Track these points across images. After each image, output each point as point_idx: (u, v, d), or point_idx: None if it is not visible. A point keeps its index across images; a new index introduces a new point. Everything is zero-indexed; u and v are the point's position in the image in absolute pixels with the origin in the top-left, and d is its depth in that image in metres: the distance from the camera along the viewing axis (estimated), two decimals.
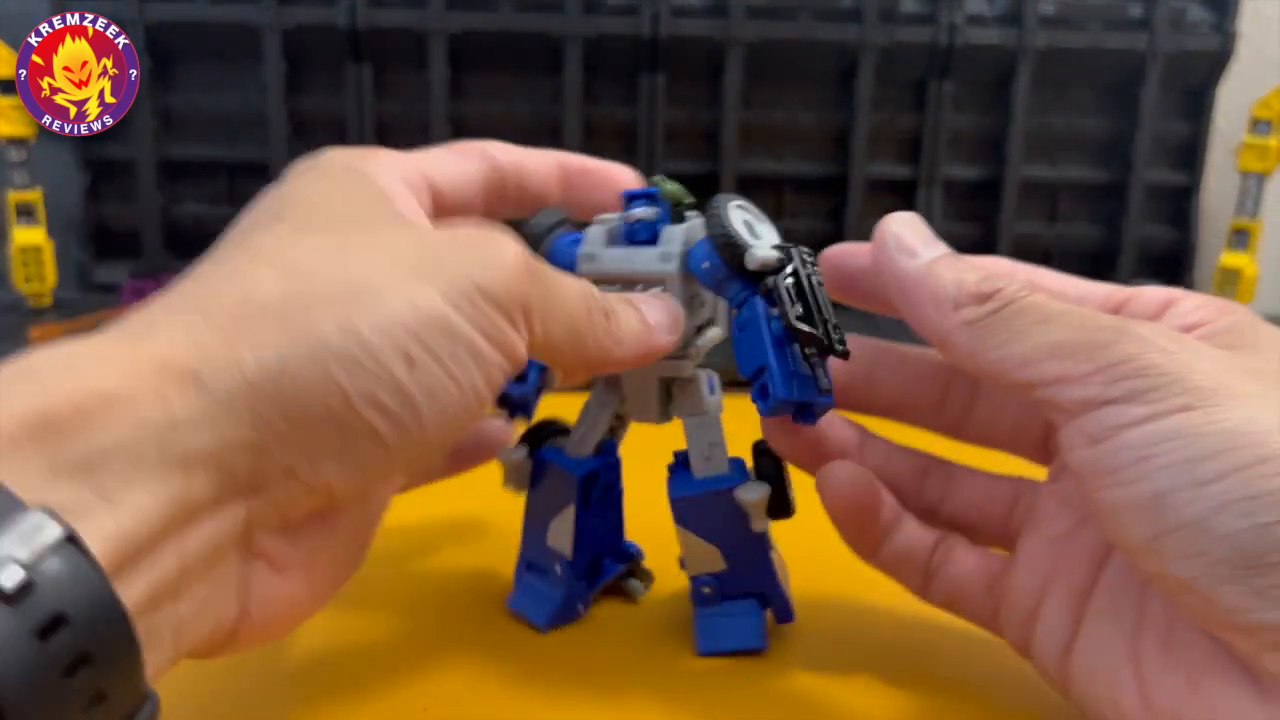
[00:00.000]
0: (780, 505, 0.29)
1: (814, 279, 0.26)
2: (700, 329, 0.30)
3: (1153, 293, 0.26)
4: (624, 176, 0.32)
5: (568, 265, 0.29)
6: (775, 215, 0.75)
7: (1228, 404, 0.21)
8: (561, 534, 0.31)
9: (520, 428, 0.33)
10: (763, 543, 0.30)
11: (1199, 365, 0.22)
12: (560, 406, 0.33)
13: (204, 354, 0.19)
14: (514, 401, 0.32)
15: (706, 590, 0.30)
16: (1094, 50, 0.81)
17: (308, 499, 0.21)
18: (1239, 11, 0.81)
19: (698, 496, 0.30)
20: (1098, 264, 0.87)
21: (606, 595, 0.33)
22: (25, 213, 0.73)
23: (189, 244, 0.85)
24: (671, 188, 0.29)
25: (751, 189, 0.83)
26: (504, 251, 0.23)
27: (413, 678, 0.29)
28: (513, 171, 0.31)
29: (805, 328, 0.26)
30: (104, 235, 0.84)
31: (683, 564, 0.31)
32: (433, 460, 0.23)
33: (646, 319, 0.27)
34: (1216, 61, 0.81)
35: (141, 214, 0.82)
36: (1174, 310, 0.26)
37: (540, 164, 0.32)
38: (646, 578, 0.34)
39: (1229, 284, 0.80)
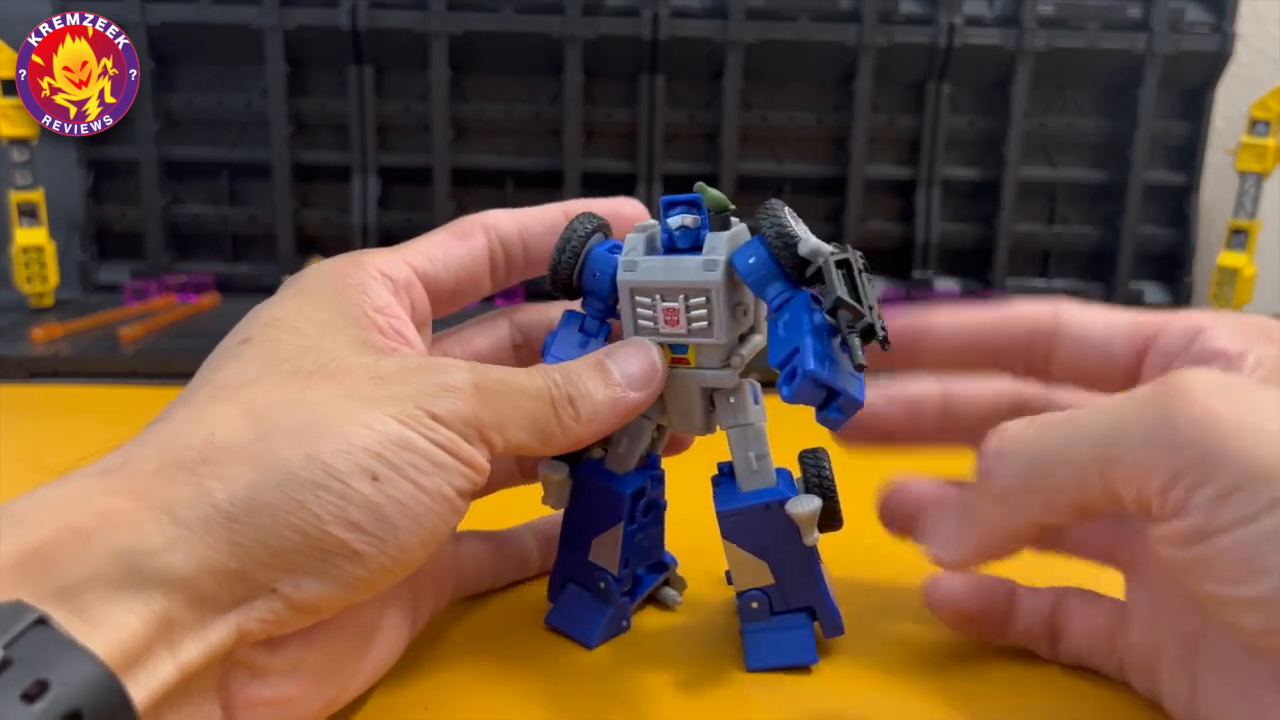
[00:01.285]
0: (830, 518, 0.29)
1: (864, 272, 0.26)
2: (743, 337, 0.29)
3: (1181, 322, 0.26)
4: (630, 210, 0.32)
5: (607, 273, 0.29)
6: None
7: None
8: (607, 551, 0.31)
9: None
10: (813, 556, 0.29)
11: (1271, 433, 0.21)
12: None
13: (175, 490, 0.21)
14: None
15: (754, 605, 0.29)
16: (1092, 51, 0.81)
17: (293, 616, 0.22)
18: (1237, 12, 0.81)
19: (746, 510, 0.29)
20: (1096, 264, 0.87)
21: (643, 605, 0.33)
22: (27, 213, 0.73)
23: (190, 244, 0.85)
24: (714, 194, 0.28)
25: (751, 190, 0.83)
26: (451, 377, 0.24)
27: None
28: (516, 240, 0.31)
29: (851, 302, 0.25)
30: (106, 235, 0.84)
31: (729, 578, 0.30)
32: (413, 569, 0.24)
33: (614, 379, 0.27)
34: (1215, 62, 0.82)
35: (143, 214, 0.82)
36: (1205, 339, 0.25)
37: (544, 222, 0.32)
38: (681, 585, 0.33)
39: (1227, 284, 0.80)
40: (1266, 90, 0.76)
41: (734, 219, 0.29)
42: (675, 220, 0.28)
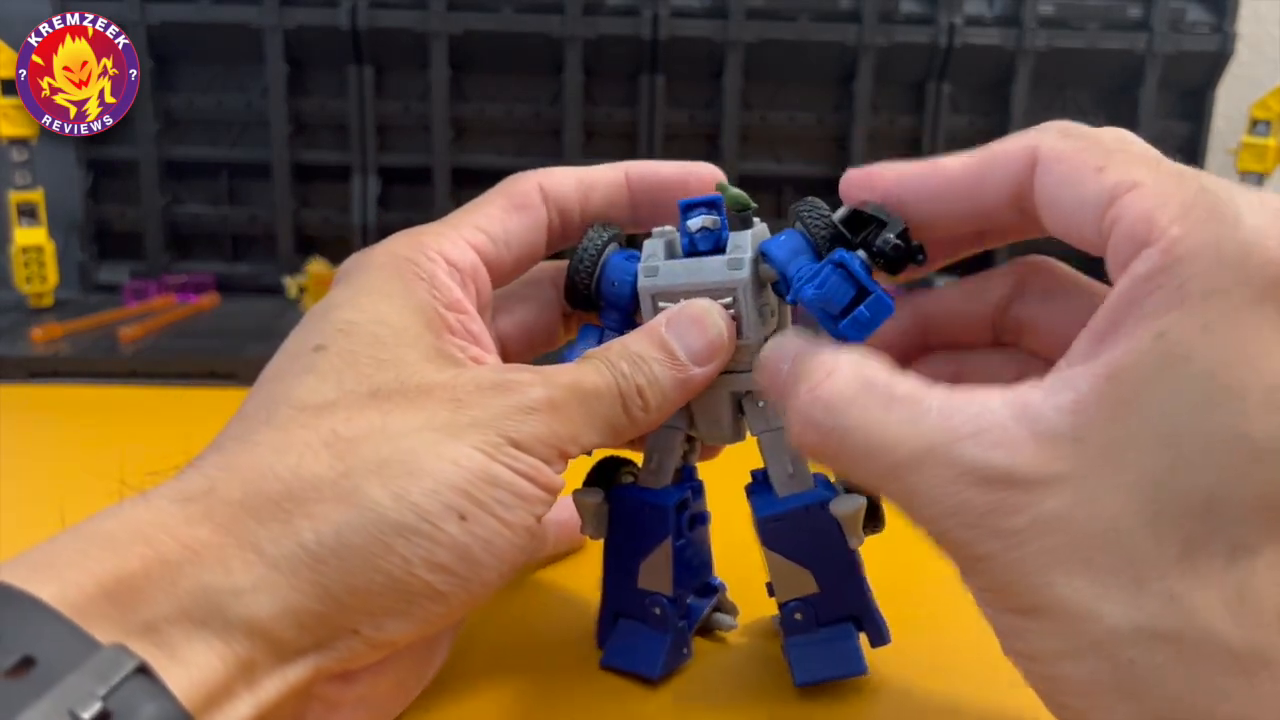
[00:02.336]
0: (874, 516, 0.28)
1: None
2: (768, 339, 0.28)
3: (1128, 228, 0.21)
4: (705, 172, 0.30)
5: (626, 282, 0.28)
6: (775, 216, 0.75)
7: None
8: (658, 572, 0.29)
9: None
10: (856, 561, 0.28)
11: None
12: None
13: (262, 526, 0.20)
14: None
15: (798, 616, 0.28)
16: (1093, 51, 0.81)
17: (371, 653, 0.22)
18: (1238, 12, 0.81)
19: (786, 515, 0.28)
20: (1097, 264, 0.87)
21: (696, 633, 0.31)
22: (27, 213, 0.73)
23: (190, 244, 0.85)
24: (735, 193, 0.28)
25: (751, 190, 0.82)
26: (528, 396, 0.24)
27: None
28: (575, 207, 0.30)
29: (890, 214, 0.25)
30: (106, 235, 0.84)
31: (770, 590, 0.29)
32: (483, 599, 0.24)
33: (679, 358, 0.26)
34: (1215, 62, 0.82)
35: (143, 214, 0.82)
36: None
37: (605, 187, 0.30)
38: (733, 610, 0.32)
39: None
40: (1267, 90, 0.76)
41: (755, 218, 0.28)
42: (695, 222, 0.27)
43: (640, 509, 0.29)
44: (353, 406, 0.23)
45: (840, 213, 0.27)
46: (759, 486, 0.29)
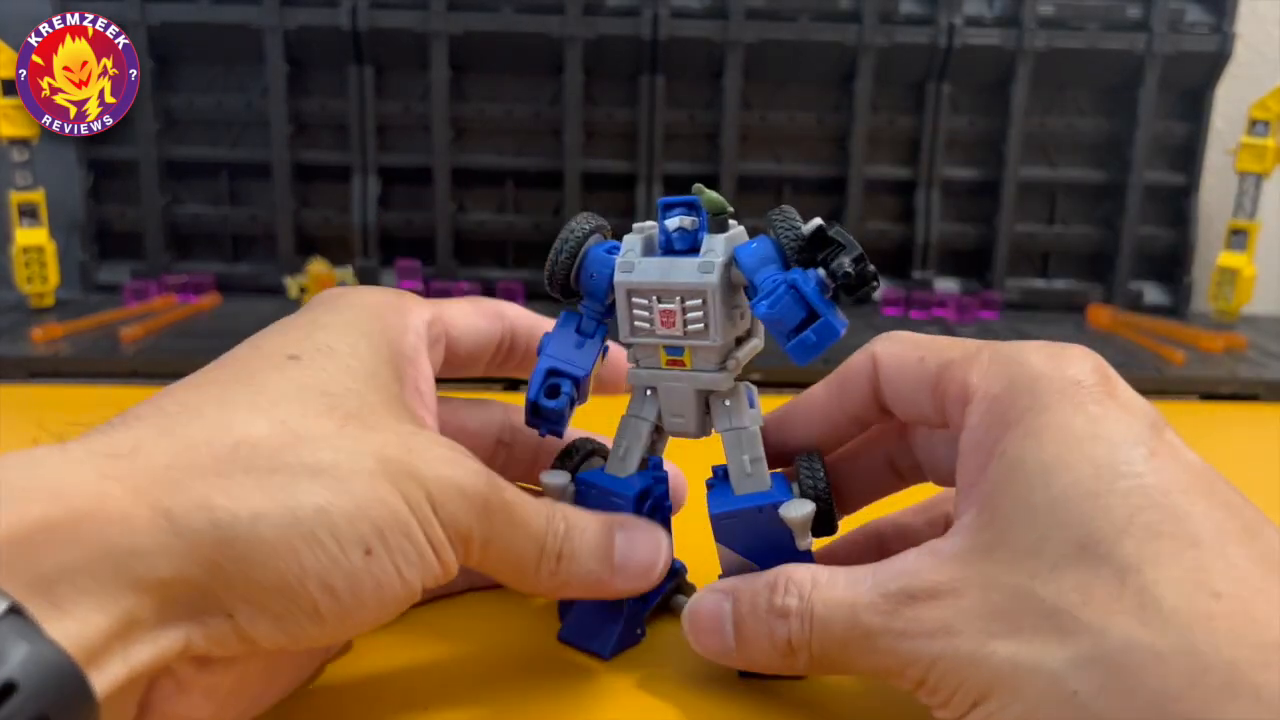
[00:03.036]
0: (824, 522, 0.29)
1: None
2: (740, 341, 0.29)
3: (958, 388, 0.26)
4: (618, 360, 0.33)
5: (605, 273, 0.29)
6: None
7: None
8: None
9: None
10: (806, 559, 0.28)
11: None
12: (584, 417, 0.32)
13: (180, 493, 0.21)
14: (548, 416, 0.30)
15: None
16: (1092, 51, 0.81)
17: (234, 644, 0.22)
18: (1236, 13, 0.81)
19: (739, 513, 0.29)
20: (1096, 264, 0.87)
21: (655, 613, 0.32)
22: (28, 213, 0.73)
23: (190, 244, 0.85)
24: (712, 196, 0.28)
25: (751, 190, 0.83)
26: (472, 484, 0.25)
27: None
28: (524, 335, 0.32)
29: (849, 239, 0.26)
30: (106, 235, 0.84)
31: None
32: (351, 636, 0.25)
33: (613, 560, 0.28)
34: (1214, 62, 0.82)
35: (143, 214, 0.82)
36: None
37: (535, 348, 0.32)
38: (692, 591, 0.33)
39: (1227, 284, 0.80)
40: (1266, 90, 0.76)
41: (732, 221, 0.29)
42: (673, 222, 0.28)
43: (604, 496, 0.30)
44: (310, 409, 0.24)
45: (808, 227, 0.27)
46: (718, 482, 0.30)
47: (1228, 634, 0.20)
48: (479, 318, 0.31)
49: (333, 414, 0.24)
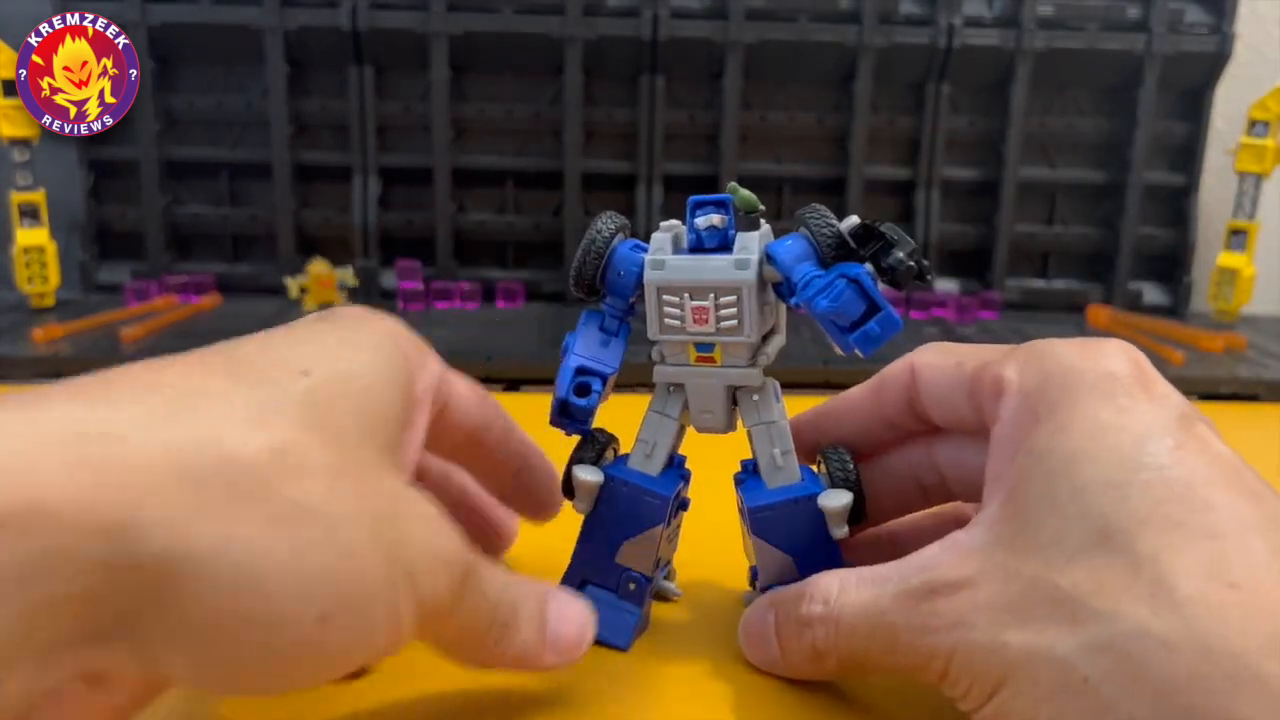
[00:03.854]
0: (858, 512, 0.29)
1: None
2: (766, 337, 0.29)
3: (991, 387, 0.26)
4: (512, 527, 0.34)
5: (632, 271, 0.29)
6: (775, 217, 0.76)
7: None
8: (641, 554, 0.30)
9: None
10: (837, 551, 0.29)
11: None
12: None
13: (149, 504, 0.18)
14: (576, 414, 0.29)
15: None
16: (1092, 52, 0.81)
17: (139, 674, 0.20)
18: (1236, 13, 0.81)
19: (777, 505, 0.29)
20: (1096, 265, 0.87)
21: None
22: (28, 213, 0.73)
23: (191, 244, 0.85)
24: (745, 195, 0.28)
25: (751, 190, 0.83)
26: (450, 549, 0.23)
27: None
28: (500, 435, 0.31)
29: (901, 234, 0.26)
30: (106, 236, 0.84)
31: (754, 574, 0.30)
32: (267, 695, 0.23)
33: (541, 633, 0.26)
34: (1214, 63, 0.82)
35: (144, 215, 0.82)
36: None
37: (508, 449, 0.32)
38: (674, 577, 0.34)
39: (1226, 284, 0.80)
40: (1266, 90, 0.76)
41: (762, 220, 0.29)
42: (703, 220, 0.28)
43: (639, 495, 0.30)
44: (312, 438, 0.21)
45: (848, 224, 0.27)
46: (748, 476, 0.30)
47: (1240, 624, 0.20)
48: (476, 401, 0.30)
49: (332, 448, 0.22)
